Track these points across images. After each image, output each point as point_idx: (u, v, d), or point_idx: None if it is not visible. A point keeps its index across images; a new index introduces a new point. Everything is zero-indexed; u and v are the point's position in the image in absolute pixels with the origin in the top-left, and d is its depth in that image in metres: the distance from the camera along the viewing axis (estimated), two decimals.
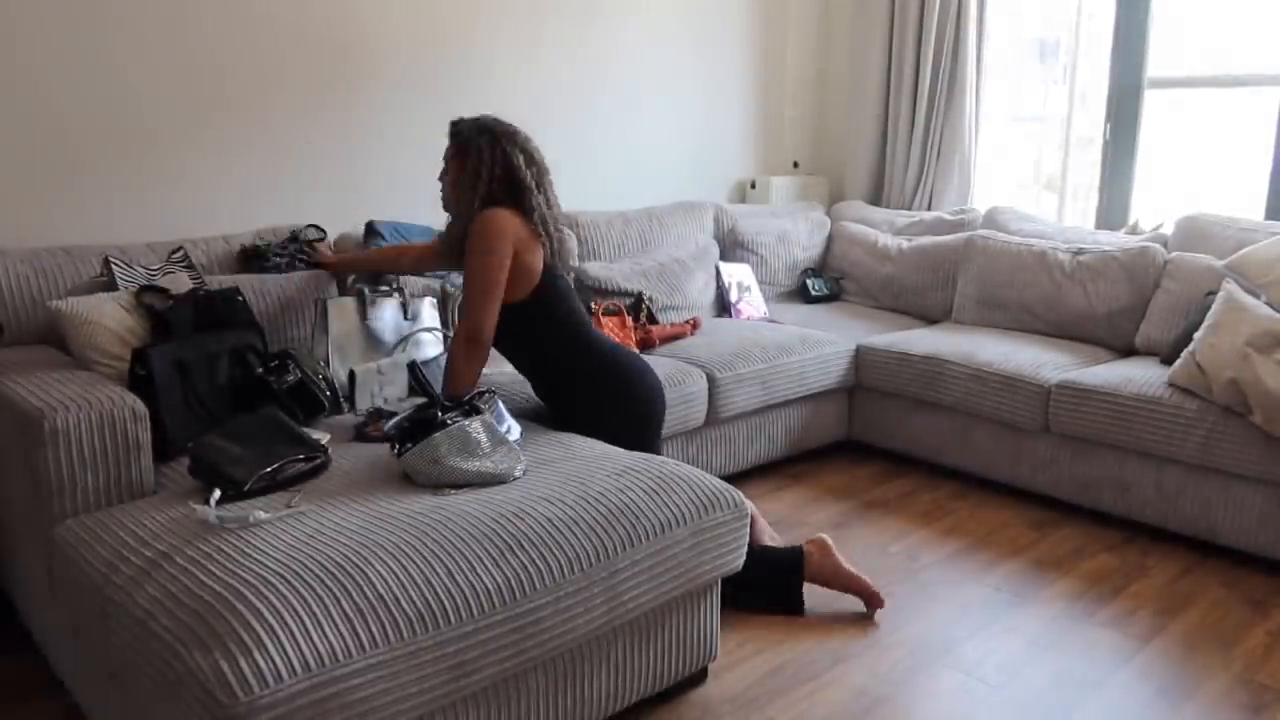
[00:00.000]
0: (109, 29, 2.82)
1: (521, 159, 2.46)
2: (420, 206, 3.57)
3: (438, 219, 3.59)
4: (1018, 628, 2.49)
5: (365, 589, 1.60)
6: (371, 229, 3.16)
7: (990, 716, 2.12)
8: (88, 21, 2.78)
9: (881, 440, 3.71)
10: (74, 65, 2.78)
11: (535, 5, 3.80)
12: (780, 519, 3.16)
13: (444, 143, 2.55)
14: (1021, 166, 4.64)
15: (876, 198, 4.78)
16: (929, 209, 4.52)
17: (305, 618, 1.52)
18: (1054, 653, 2.38)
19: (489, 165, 2.44)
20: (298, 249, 3.03)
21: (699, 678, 2.23)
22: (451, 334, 3.01)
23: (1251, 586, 2.73)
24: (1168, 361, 3.14)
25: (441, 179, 2.58)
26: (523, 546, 1.78)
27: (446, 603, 1.64)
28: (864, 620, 2.52)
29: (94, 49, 2.80)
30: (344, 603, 1.57)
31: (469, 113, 3.03)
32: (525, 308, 2.46)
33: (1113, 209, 4.13)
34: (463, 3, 3.59)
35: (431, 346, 2.93)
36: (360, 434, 2.40)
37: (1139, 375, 3.06)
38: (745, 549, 2.16)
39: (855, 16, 4.69)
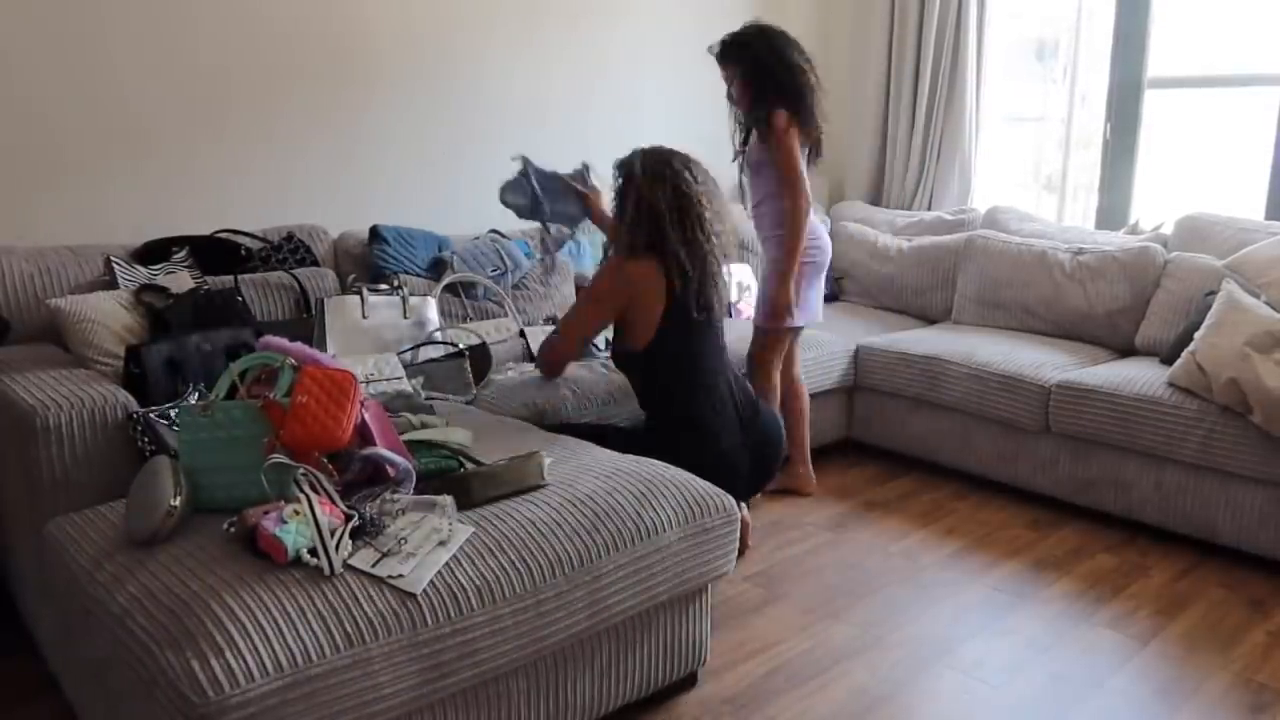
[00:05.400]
0: (112, 30, 2.82)
1: (664, 196, 2.48)
2: (421, 208, 3.57)
3: (438, 223, 3.60)
4: (1017, 628, 2.49)
5: (340, 588, 1.59)
6: (376, 234, 3.15)
7: (990, 717, 2.12)
8: (91, 23, 2.78)
9: (881, 440, 3.70)
10: (78, 66, 2.77)
11: (536, 7, 3.79)
12: (780, 519, 3.15)
13: (444, 142, 2.56)
14: (1021, 166, 4.63)
15: (876, 198, 4.78)
16: (929, 209, 4.51)
17: (279, 617, 1.52)
18: (1054, 653, 2.37)
19: (634, 206, 2.52)
20: (293, 249, 3.02)
21: (688, 682, 2.21)
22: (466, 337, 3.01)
23: (1251, 586, 2.73)
24: (1168, 361, 3.13)
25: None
26: (502, 549, 1.77)
27: (422, 603, 1.63)
28: (864, 620, 2.51)
29: (97, 51, 2.80)
30: (318, 602, 1.56)
31: (466, 112, 3.04)
32: (636, 358, 2.56)
33: (1113, 209, 4.12)
34: (465, 5, 3.58)
35: (436, 350, 2.93)
36: None
37: (1139, 375, 3.05)
38: (735, 553, 2.15)
39: (855, 17, 4.68)
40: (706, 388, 2.55)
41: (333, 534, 1.66)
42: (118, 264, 2.65)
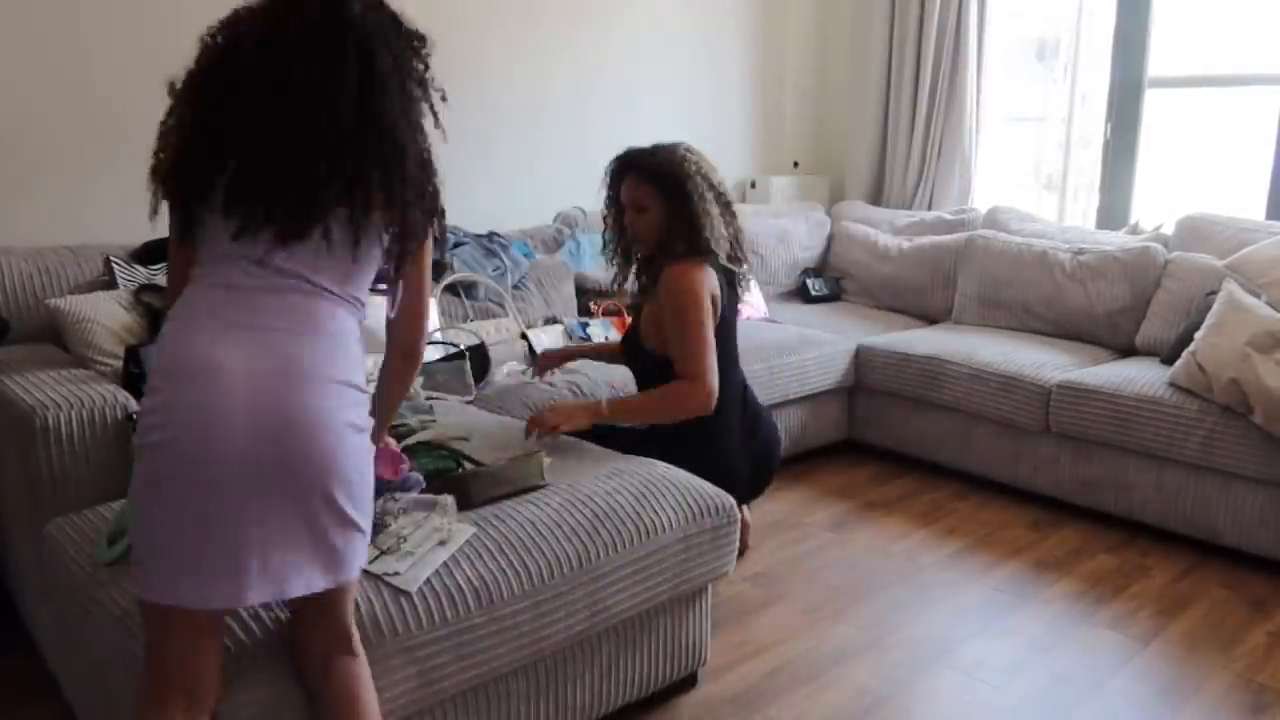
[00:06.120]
0: (110, 29, 2.82)
1: (702, 194, 2.35)
2: None
3: None
4: (1018, 628, 2.48)
5: None
6: None
7: (991, 717, 2.11)
8: (88, 23, 2.78)
9: (882, 440, 3.70)
10: (74, 65, 2.77)
11: (534, 6, 3.79)
12: (780, 519, 3.15)
13: (441, 142, 2.49)
14: (1021, 166, 4.63)
15: (877, 198, 4.78)
16: (929, 209, 4.51)
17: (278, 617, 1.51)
18: (1054, 653, 2.37)
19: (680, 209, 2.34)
20: None
21: (688, 682, 2.21)
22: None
23: (1252, 587, 2.72)
24: (1168, 361, 3.13)
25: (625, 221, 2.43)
26: (502, 550, 1.76)
27: (419, 604, 1.62)
28: (864, 620, 2.51)
29: (94, 49, 2.80)
30: None
31: (464, 112, 2.87)
32: (654, 359, 2.39)
33: (1113, 209, 4.12)
34: (463, 5, 3.58)
35: (434, 351, 2.93)
36: None
37: (1140, 375, 3.05)
38: (735, 554, 2.14)
39: (855, 17, 4.68)
40: (721, 395, 2.41)
41: None
42: (117, 264, 2.65)
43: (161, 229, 2.91)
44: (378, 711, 1.47)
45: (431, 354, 2.92)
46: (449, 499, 1.83)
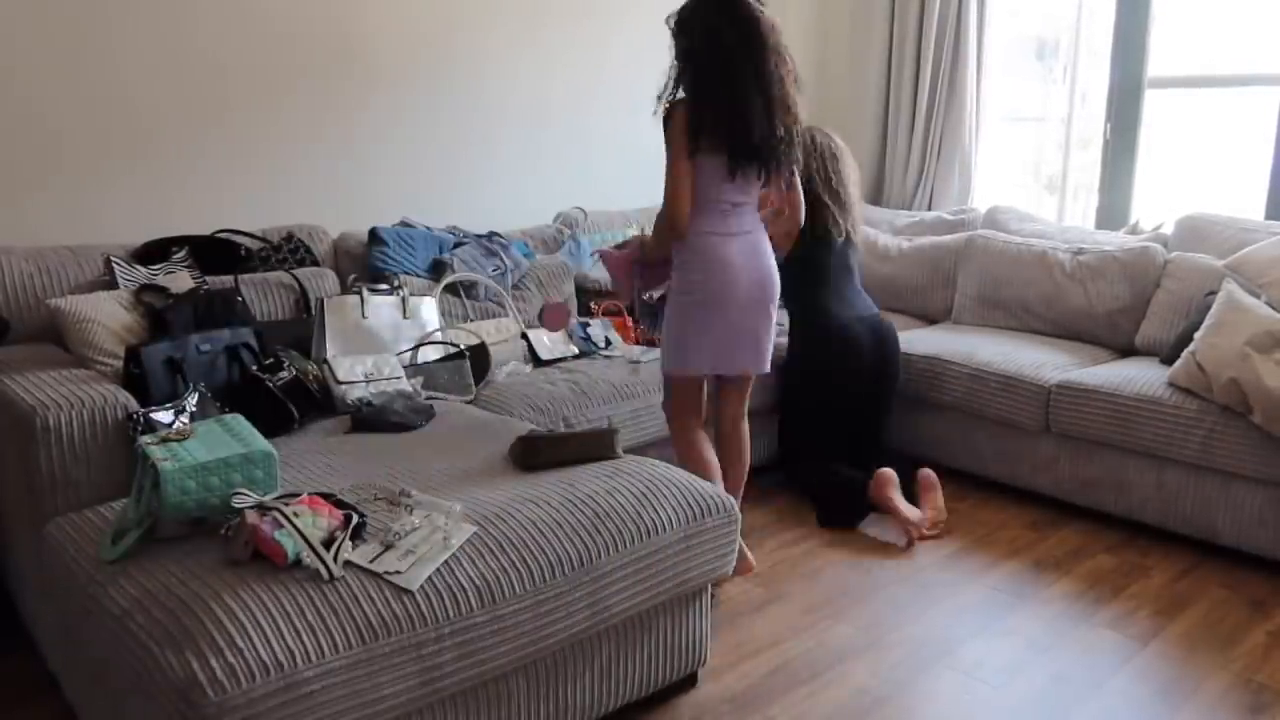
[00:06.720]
0: (112, 29, 2.82)
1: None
2: (421, 209, 3.57)
3: (438, 224, 3.60)
4: (1017, 628, 2.48)
5: (340, 588, 1.59)
6: (375, 236, 3.15)
7: (990, 717, 2.11)
8: (90, 21, 2.78)
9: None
10: (78, 65, 2.77)
11: (538, 6, 3.79)
12: (780, 519, 3.15)
13: (445, 143, 2.50)
14: (1021, 166, 4.63)
15: (877, 197, 4.78)
16: (929, 209, 4.51)
17: (279, 617, 1.52)
18: (1054, 653, 2.37)
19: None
20: (293, 249, 3.02)
21: (688, 682, 2.21)
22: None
23: (1252, 587, 2.73)
24: (1168, 361, 3.13)
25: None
26: (503, 549, 1.76)
27: (422, 603, 1.63)
28: (864, 620, 2.51)
29: (97, 49, 2.80)
30: (318, 602, 1.56)
31: (467, 112, 2.86)
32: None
33: (1113, 209, 4.12)
34: (467, 5, 3.58)
35: (434, 351, 2.93)
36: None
37: (1139, 375, 3.05)
38: (735, 554, 2.15)
39: (855, 16, 4.68)
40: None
41: (332, 538, 1.66)
42: (118, 264, 2.65)
43: (158, 229, 2.93)
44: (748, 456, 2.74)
45: (431, 354, 2.92)
46: (457, 506, 1.84)
